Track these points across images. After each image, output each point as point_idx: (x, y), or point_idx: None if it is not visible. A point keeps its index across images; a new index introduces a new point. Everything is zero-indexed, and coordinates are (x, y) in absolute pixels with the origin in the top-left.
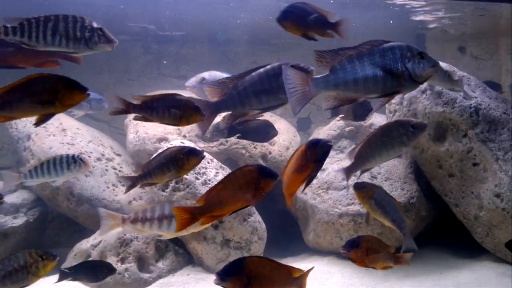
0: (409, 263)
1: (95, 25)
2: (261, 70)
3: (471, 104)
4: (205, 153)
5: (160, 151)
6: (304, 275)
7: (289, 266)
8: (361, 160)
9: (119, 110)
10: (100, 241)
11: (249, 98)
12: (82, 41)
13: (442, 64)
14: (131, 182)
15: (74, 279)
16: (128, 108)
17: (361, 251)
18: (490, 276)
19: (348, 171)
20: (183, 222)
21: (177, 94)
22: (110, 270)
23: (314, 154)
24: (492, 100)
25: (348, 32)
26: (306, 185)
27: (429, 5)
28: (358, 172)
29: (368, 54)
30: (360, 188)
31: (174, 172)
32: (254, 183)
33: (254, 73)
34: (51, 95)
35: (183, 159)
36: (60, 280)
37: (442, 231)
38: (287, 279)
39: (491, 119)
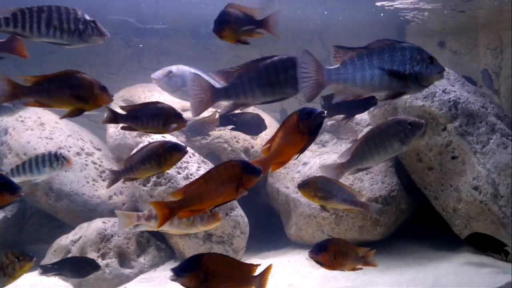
0: (376, 264)
1: (87, 17)
2: (268, 61)
3: (450, 98)
4: (187, 148)
5: (142, 145)
6: (263, 273)
7: (249, 264)
8: (357, 158)
9: (110, 119)
10: (80, 237)
11: (253, 90)
12: (76, 33)
13: None
14: (114, 176)
15: (58, 274)
16: (116, 117)
17: (329, 254)
18: (468, 267)
19: (341, 169)
20: (163, 217)
21: (159, 102)
22: (94, 267)
23: (307, 126)
24: (470, 94)
25: (278, 27)
26: (298, 155)
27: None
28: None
29: (378, 52)
30: (303, 186)
31: (156, 167)
32: (236, 179)
33: (260, 64)
34: (87, 92)
35: (165, 154)
36: (43, 274)
37: (422, 224)
38: (247, 277)
39: (470, 112)
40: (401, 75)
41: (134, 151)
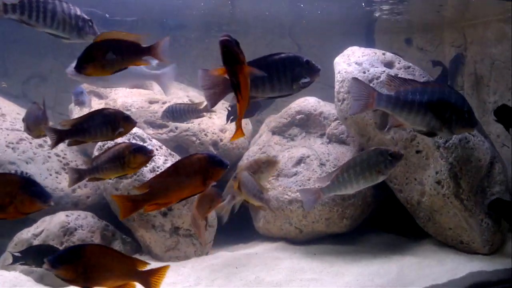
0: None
1: (86, 16)
2: (278, 57)
3: None
4: (154, 140)
5: (110, 145)
6: (153, 271)
7: (134, 258)
8: (336, 185)
9: (56, 140)
10: (42, 230)
11: (264, 84)
12: (76, 29)
13: (388, 54)
14: (78, 175)
15: (24, 263)
16: (61, 136)
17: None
18: (431, 259)
19: (320, 194)
20: (125, 209)
21: (105, 109)
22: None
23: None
24: None
25: (166, 53)
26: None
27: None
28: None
29: (429, 92)
30: (234, 178)
31: (120, 169)
32: (203, 172)
33: (271, 60)
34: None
35: (129, 157)
36: (13, 263)
37: (387, 216)
38: (130, 271)
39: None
40: (441, 117)
41: (99, 153)
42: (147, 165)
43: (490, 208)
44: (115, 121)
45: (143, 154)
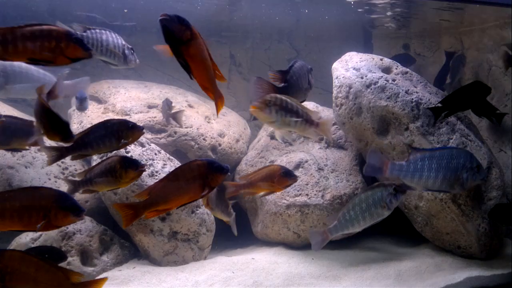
0: None
1: (128, 45)
2: (303, 67)
3: (412, 99)
4: (152, 145)
5: (104, 158)
6: (89, 283)
7: (66, 269)
8: (343, 223)
9: (55, 157)
10: (41, 235)
11: (297, 89)
12: (122, 58)
13: (386, 59)
14: (73, 187)
15: None
16: (62, 153)
17: None
18: (429, 264)
19: (327, 234)
20: (128, 218)
21: (107, 120)
22: (61, 257)
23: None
24: (432, 95)
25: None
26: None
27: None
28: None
29: (438, 158)
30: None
31: (113, 183)
32: (202, 178)
33: (298, 68)
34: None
35: (121, 171)
36: None
37: (384, 221)
38: (61, 283)
39: (431, 113)
40: (452, 182)
41: (94, 164)
42: (146, 169)
43: (491, 216)
44: (119, 132)
45: (134, 169)
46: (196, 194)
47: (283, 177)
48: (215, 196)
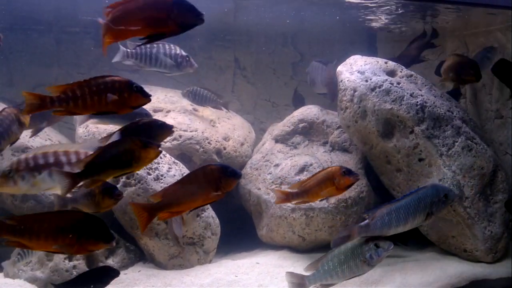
0: None
1: (183, 53)
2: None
3: (417, 102)
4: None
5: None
6: None
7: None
8: (321, 273)
9: (67, 188)
10: None
11: None
12: (175, 66)
13: (391, 62)
14: (63, 202)
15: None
16: (74, 180)
17: None
18: (434, 267)
19: (304, 282)
20: (143, 220)
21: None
22: (115, 274)
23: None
24: (437, 98)
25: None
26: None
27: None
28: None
29: (404, 207)
30: None
31: (93, 207)
32: (215, 182)
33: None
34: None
35: (99, 197)
36: None
37: None
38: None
39: (436, 116)
40: (422, 220)
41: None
42: (151, 173)
43: (507, 207)
44: (133, 152)
45: (111, 197)
46: (209, 198)
47: (345, 176)
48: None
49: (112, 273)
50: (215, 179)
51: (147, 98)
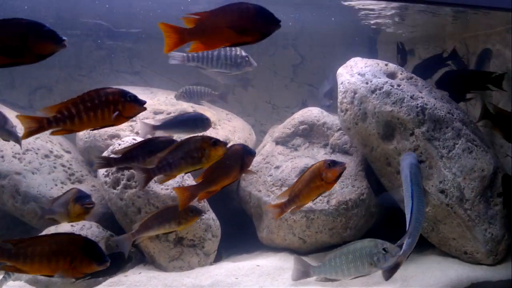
0: None
1: (243, 53)
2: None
3: (417, 104)
4: None
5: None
6: None
7: None
8: (327, 267)
9: (103, 164)
10: None
11: None
12: (235, 66)
13: (391, 64)
14: (41, 213)
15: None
16: (109, 162)
17: None
18: (435, 269)
19: (309, 272)
20: (184, 199)
21: (157, 138)
22: (127, 259)
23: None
24: (437, 101)
25: None
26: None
27: (387, 10)
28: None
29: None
30: None
31: (66, 218)
32: (240, 161)
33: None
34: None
35: (72, 205)
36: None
37: (390, 227)
38: None
39: (436, 118)
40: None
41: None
42: None
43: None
44: (204, 150)
45: (81, 206)
46: (236, 175)
47: (331, 168)
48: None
49: (124, 260)
50: (240, 157)
51: (142, 106)
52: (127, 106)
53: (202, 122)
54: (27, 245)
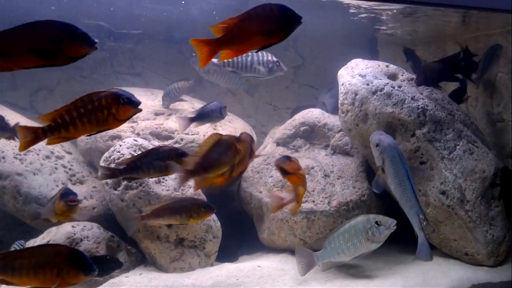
0: None
1: (274, 59)
2: None
3: (418, 105)
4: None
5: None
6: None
7: None
8: (329, 251)
9: (107, 175)
10: (48, 241)
11: None
12: (267, 70)
13: (392, 66)
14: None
15: None
16: (114, 173)
17: None
18: (436, 270)
19: (313, 260)
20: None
21: (162, 146)
22: (118, 264)
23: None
24: (438, 102)
25: None
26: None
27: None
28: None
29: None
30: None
31: (53, 215)
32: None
33: None
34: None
35: (58, 202)
36: None
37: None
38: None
39: (437, 119)
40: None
41: (102, 163)
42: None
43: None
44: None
45: (65, 202)
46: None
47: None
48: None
49: (116, 264)
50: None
51: (137, 108)
52: (121, 109)
53: (225, 110)
54: (14, 258)
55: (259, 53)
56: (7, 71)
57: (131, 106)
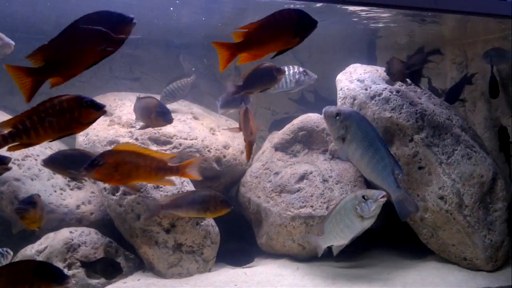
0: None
1: (301, 69)
2: None
3: (417, 110)
4: None
5: None
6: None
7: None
8: (327, 235)
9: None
10: (46, 247)
11: None
12: (295, 83)
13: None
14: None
15: (92, 271)
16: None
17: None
18: (434, 276)
19: (320, 244)
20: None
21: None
22: (118, 269)
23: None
24: (436, 107)
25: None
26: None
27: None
28: None
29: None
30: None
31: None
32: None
33: None
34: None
35: None
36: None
37: (390, 233)
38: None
39: (435, 124)
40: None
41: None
42: None
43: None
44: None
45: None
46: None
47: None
48: None
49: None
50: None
51: (99, 111)
52: (83, 113)
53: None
54: None
55: (285, 67)
56: None
57: (94, 109)
